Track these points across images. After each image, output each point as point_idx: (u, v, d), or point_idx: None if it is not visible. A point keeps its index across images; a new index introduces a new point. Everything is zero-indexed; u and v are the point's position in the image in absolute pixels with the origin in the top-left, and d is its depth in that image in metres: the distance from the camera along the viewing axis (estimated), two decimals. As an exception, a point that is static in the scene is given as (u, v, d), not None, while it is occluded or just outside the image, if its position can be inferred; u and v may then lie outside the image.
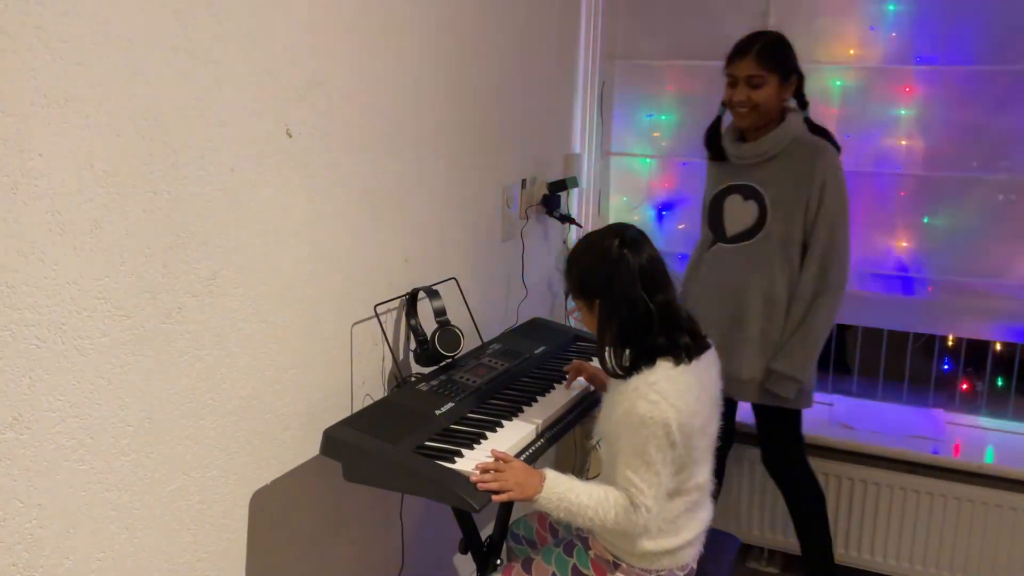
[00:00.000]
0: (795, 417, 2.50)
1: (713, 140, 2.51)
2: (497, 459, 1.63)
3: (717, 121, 2.51)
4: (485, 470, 1.59)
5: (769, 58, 2.31)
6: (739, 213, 2.43)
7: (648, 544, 1.69)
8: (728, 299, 2.45)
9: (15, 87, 1.18)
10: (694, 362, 1.66)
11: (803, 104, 2.42)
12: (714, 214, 2.50)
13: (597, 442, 1.77)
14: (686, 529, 1.73)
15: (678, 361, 1.63)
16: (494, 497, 1.57)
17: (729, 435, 2.70)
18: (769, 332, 2.40)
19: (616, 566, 1.73)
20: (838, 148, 2.39)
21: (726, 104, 2.43)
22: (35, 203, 1.22)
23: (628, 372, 1.64)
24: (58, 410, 1.30)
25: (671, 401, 1.58)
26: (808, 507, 2.57)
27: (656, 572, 1.73)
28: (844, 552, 2.88)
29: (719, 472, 2.68)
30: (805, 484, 2.56)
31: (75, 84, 1.26)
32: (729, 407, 2.58)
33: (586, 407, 2.00)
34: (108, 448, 1.39)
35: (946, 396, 3.04)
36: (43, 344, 1.26)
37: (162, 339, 1.46)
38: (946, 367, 3.06)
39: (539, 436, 1.83)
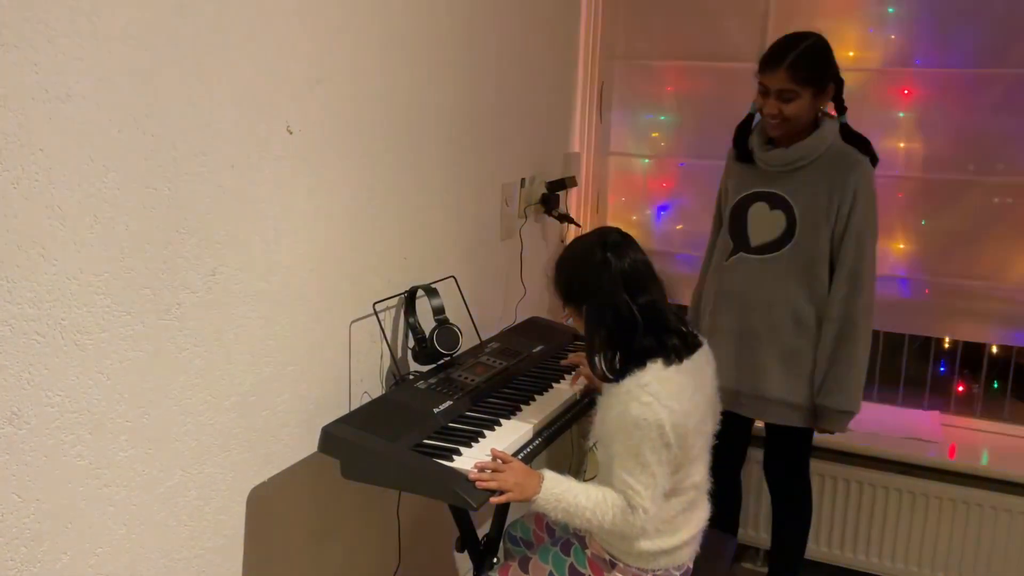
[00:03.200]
0: (812, 436, 2.42)
1: (742, 139, 2.33)
2: (496, 459, 1.63)
3: (748, 119, 2.33)
4: (484, 469, 1.60)
5: (802, 71, 2.12)
6: (765, 223, 2.27)
7: (645, 544, 1.69)
8: (751, 312, 2.30)
9: (17, 81, 1.18)
10: (687, 361, 1.66)
11: (841, 109, 2.25)
12: (736, 222, 2.33)
13: (593, 444, 1.77)
14: (683, 529, 1.73)
15: (668, 362, 1.63)
16: (492, 499, 1.57)
17: (742, 452, 2.60)
18: (798, 350, 2.25)
19: (613, 565, 1.74)
20: (875, 158, 2.23)
21: (758, 109, 2.24)
22: (36, 198, 1.22)
23: (619, 375, 1.64)
24: (57, 405, 1.30)
25: (664, 402, 1.58)
26: (804, 518, 2.52)
27: (653, 572, 1.73)
28: (839, 552, 2.88)
29: (735, 491, 2.65)
30: (807, 497, 2.51)
31: (76, 79, 1.25)
32: (745, 424, 2.46)
33: (583, 407, 2.00)
34: (106, 444, 1.39)
35: (942, 398, 3.05)
36: (42, 339, 1.26)
37: (161, 335, 1.46)
38: (942, 369, 3.07)
39: (536, 435, 1.83)
